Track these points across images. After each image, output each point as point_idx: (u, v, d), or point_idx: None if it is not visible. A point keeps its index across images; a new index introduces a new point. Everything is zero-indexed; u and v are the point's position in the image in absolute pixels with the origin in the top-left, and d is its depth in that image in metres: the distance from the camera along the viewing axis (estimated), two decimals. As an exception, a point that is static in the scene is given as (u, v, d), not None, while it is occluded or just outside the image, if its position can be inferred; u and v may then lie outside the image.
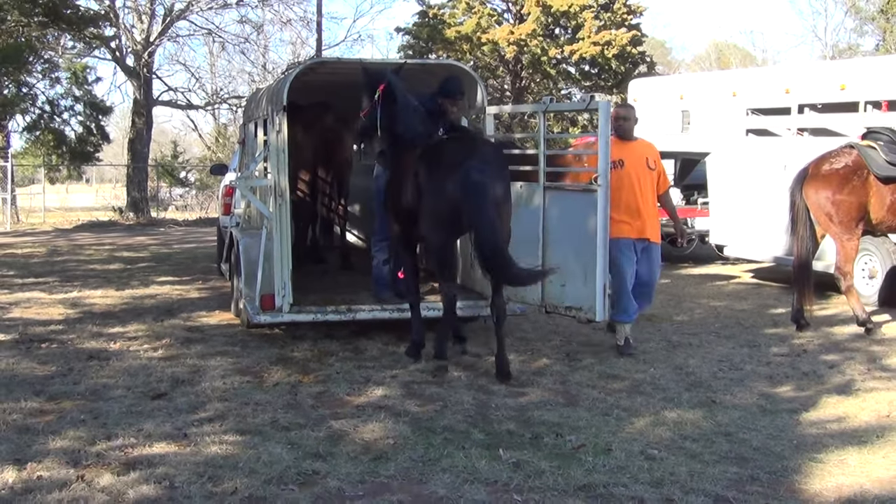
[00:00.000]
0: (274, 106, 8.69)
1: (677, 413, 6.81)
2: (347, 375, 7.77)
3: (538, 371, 8.03)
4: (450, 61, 11.17)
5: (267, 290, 8.53)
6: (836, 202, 9.86)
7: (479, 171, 7.43)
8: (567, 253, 8.21)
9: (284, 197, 8.53)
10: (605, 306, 8.09)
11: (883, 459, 5.91)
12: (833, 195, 9.87)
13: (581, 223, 8.07)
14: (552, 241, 8.42)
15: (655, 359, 8.56)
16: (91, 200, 37.67)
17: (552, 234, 8.43)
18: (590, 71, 33.90)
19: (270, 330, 9.34)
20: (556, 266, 7.94)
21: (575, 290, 8.22)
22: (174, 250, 18.92)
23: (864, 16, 42.04)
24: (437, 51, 32.87)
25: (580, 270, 8.11)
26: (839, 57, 39.04)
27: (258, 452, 5.77)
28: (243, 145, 12.47)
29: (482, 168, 7.48)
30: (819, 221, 10.07)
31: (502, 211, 7.65)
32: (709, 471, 5.62)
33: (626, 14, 33.14)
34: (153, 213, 29.93)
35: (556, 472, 5.51)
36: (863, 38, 43.02)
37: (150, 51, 29.56)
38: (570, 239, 8.17)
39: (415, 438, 6.12)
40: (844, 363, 8.55)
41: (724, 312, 11.30)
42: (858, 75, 12.44)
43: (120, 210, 29.37)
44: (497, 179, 7.60)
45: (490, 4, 33.76)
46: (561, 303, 8.43)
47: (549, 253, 8.41)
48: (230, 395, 7.18)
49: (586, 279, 8.04)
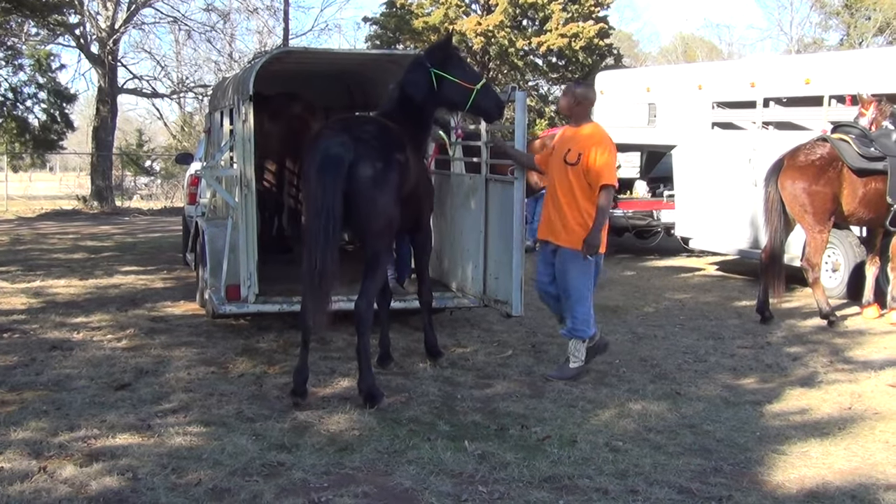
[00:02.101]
0: (240, 95, 8.63)
1: (642, 405, 6.85)
2: (313, 366, 7.67)
3: (504, 363, 8.05)
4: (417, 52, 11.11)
5: (233, 280, 8.48)
6: (812, 193, 9.98)
7: (329, 147, 6.71)
8: (500, 245, 8.25)
9: (250, 187, 8.47)
10: (521, 300, 8.09)
11: (845, 451, 5.98)
12: (809, 186, 9.99)
13: (509, 216, 8.09)
14: (491, 234, 8.48)
15: (621, 350, 8.59)
16: (55, 189, 37.25)
17: (491, 225, 8.48)
18: (557, 63, 34.00)
19: (236, 321, 9.30)
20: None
21: (504, 283, 8.28)
22: (139, 240, 18.77)
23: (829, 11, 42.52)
24: (404, 41, 32.80)
25: (507, 263, 8.15)
26: (804, 51, 39.39)
27: (222, 444, 5.75)
28: (209, 134, 12.38)
29: (335, 144, 6.71)
30: (793, 212, 10.16)
31: (361, 192, 6.68)
32: (673, 462, 5.66)
33: (594, 6, 33.21)
34: (118, 202, 29.67)
35: (522, 464, 5.53)
36: (827, 33, 43.59)
37: (115, 38, 29.25)
38: (503, 231, 8.21)
39: (380, 430, 6.11)
40: (807, 355, 8.63)
41: (689, 304, 11.38)
42: (823, 70, 12.54)
43: (84, 199, 29.08)
44: (362, 159, 6.68)
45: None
46: (494, 296, 8.49)
47: (490, 245, 8.49)
48: (195, 385, 7.14)
49: (511, 273, 8.08)
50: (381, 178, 6.72)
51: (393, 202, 6.80)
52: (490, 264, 8.55)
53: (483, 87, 7.41)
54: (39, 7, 25.49)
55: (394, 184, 6.77)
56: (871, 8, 40.05)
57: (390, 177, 6.76)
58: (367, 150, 6.75)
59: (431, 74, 7.30)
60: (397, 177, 6.80)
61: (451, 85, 7.32)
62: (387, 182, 6.74)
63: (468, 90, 7.35)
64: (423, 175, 7.65)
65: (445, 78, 7.30)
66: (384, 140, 6.93)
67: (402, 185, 6.88)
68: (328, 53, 11.90)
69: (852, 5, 40.64)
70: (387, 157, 6.80)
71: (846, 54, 20.44)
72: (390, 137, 6.99)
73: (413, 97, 7.35)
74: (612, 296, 11.65)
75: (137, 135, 42.14)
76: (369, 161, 6.70)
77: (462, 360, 8.16)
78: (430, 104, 7.47)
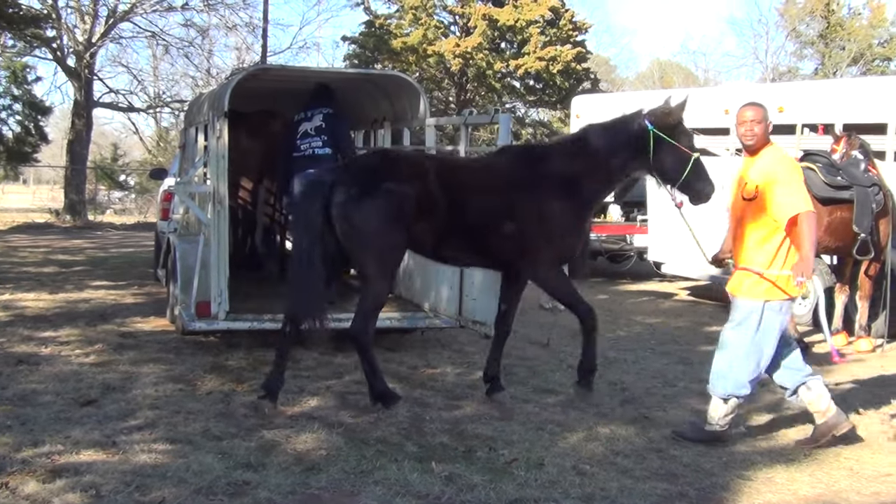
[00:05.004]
0: (215, 111, 8.62)
1: (610, 428, 6.85)
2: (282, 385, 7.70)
3: (473, 384, 8.03)
4: (395, 72, 11.17)
5: (203, 296, 8.44)
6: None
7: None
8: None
9: (223, 203, 8.46)
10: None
11: (809, 478, 6.00)
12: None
13: None
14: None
15: (591, 374, 8.59)
16: (28, 202, 37.04)
17: None
18: (534, 86, 34.26)
19: (205, 337, 9.24)
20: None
21: (482, 304, 8.27)
22: (111, 254, 18.66)
23: (805, 40, 43.02)
24: (382, 61, 32.94)
25: (490, 284, 8.14)
26: (779, 80, 39.78)
27: (188, 462, 5.70)
28: (184, 150, 12.35)
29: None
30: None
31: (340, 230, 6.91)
32: (639, 486, 5.66)
33: (572, 31, 33.53)
34: (91, 217, 29.50)
35: (488, 486, 5.51)
36: (802, 62, 44.07)
37: (92, 52, 29.17)
38: None
39: (347, 450, 6.09)
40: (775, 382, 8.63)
41: (660, 329, 11.42)
42: (797, 98, 12.66)
43: (57, 212, 28.90)
44: (341, 184, 6.92)
45: (437, 17, 33.94)
46: (472, 316, 8.48)
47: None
48: (162, 402, 7.09)
49: (494, 294, 8.08)
50: (360, 203, 6.80)
51: (381, 228, 6.84)
52: (466, 285, 8.55)
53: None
54: (17, 20, 25.39)
55: (382, 210, 6.81)
56: (845, 38, 40.64)
57: (375, 203, 6.81)
58: (348, 175, 7.02)
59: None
60: (388, 204, 6.82)
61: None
62: (366, 207, 6.80)
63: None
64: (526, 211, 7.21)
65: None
66: (381, 168, 7.06)
67: (403, 214, 6.85)
68: (306, 71, 11.89)
69: (827, 35, 41.19)
70: (373, 184, 6.87)
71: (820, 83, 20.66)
72: (393, 166, 7.07)
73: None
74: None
75: (112, 149, 41.93)
76: (347, 186, 6.86)
77: (432, 381, 8.16)
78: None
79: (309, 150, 9.59)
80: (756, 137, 6.49)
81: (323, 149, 9.57)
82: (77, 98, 29.39)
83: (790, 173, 6.41)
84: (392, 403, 7.03)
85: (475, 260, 7.54)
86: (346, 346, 8.63)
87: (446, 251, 7.31)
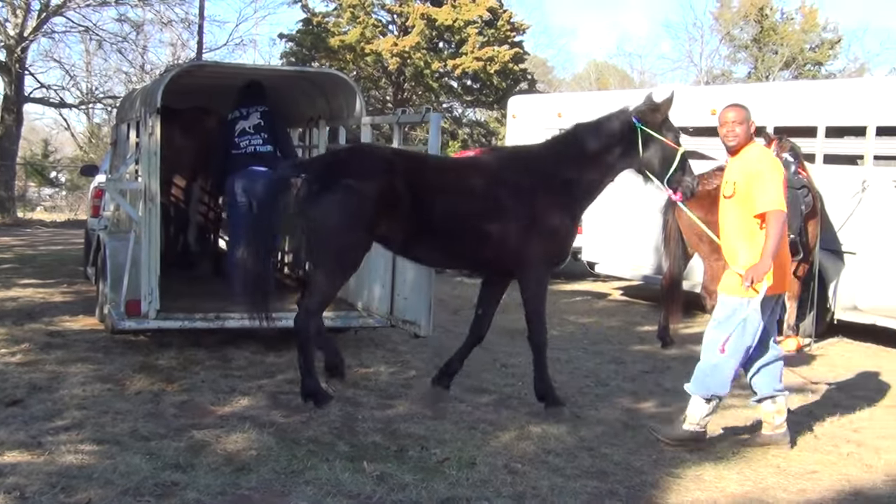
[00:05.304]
0: (148, 108, 8.51)
1: (542, 428, 6.88)
2: (213, 385, 7.64)
3: (406, 383, 8.03)
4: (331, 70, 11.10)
5: (133, 295, 8.33)
6: (707, 222, 10.15)
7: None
8: (410, 265, 8.20)
9: (155, 201, 8.35)
10: (430, 321, 8.18)
11: (737, 475, 6.10)
12: (704, 215, 10.15)
13: None
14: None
15: (524, 373, 8.59)
16: (-46, 198, 36.20)
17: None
18: (472, 86, 34.34)
19: (136, 337, 9.10)
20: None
21: (413, 303, 8.30)
22: (40, 252, 18.31)
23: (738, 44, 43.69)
24: (320, 59, 32.77)
25: (421, 284, 8.17)
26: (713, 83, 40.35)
27: (115, 462, 5.62)
28: (115, 147, 12.18)
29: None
30: (689, 241, 10.37)
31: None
32: (570, 485, 5.71)
33: (510, 31, 33.68)
34: (20, 214, 28.92)
35: (420, 486, 5.52)
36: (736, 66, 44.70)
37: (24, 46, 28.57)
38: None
39: (278, 450, 6.05)
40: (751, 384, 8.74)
41: (593, 329, 11.51)
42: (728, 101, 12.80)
43: (-16, 209, 28.32)
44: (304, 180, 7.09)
45: (375, 15, 33.85)
46: (402, 316, 8.50)
47: (399, 264, 8.47)
48: (89, 402, 6.98)
49: (425, 293, 8.10)
50: (319, 199, 6.86)
51: (338, 226, 6.86)
52: (398, 284, 8.55)
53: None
54: (-55, 12, 24.82)
55: (340, 207, 6.83)
56: (778, 43, 41.36)
57: (334, 199, 6.84)
58: (312, 171, 7.13)
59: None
60: (348, 201, 6.83)
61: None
62: (325, 203, 6.85)
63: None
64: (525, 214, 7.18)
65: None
66: (345, 164, 7.10)
67: (363, 212, 6.85)
68: (241, 68, 11.77)
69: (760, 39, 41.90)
70: (334, 180, 6.89)
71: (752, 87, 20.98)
72: (359, 163, 7.09)
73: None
74: (516, 318, 11.70)
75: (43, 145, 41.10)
76: (310, 182, 6.95)
77: (365, 380, 8.13)
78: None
79: (250, 147, 9.54)
80: (738, 138, 6.56)
81: (264, 146, 9.55)
82: (7, 93, 28.78)
83: (768, 170, 6.43)
84: (324, 402, 7.03)
85: (457, 262, 7.58)
86: (278, 346, 8.61)
87: (422, 252, 7.31)
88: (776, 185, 6.37)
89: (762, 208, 6.30)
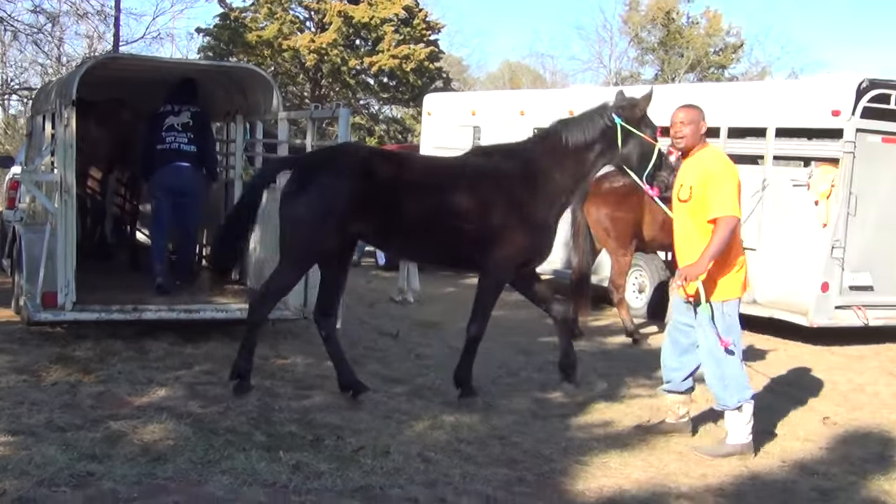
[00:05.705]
0: (63, 100, 8.49)
1: (455, 417, 7.02)
2: (130, 376, 7.65)
3: (322, 374, 8.12)
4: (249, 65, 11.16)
5: (49, 287, 8.32)
6: (614, 219, 10.51)
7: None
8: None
9: (70, 193, 8.35)
10: (340, 314, 8.24)
11: (641, 462, 6.33)
12: (611, 212, 10.52)
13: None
14: None
15: (437, 364, 8.78)
16: None
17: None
18: (388, 83, 34.44)
19: (52, 328, 9.06)
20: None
21: None
22: (-49, 242, 17.93)
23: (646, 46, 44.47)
24: (237, 54, 32.49)
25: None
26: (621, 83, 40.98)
27: (31, 454, 5.62)
28: (31, 138, 12.06)
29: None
30: (597, 236, 10.69)
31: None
32: (481, 472, 5.86)
33: (425, 30, 33.90)
34: (-70, 204, 28.21)
35: (335, 474, 5.62)
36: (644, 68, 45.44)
37: (-65, 35, 27.89)
38: None
39: (195, 440, 6.10)
40: (612, 371, 9.04)
41: (503, 320, 11.63)
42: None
43: None
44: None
45: (292, 11, 33.68)
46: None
47: None
48: (4, 394, 6.95)
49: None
50: (293, 195, 7.17)
51: (305, 222, 7.11)
52: (311, 277, 8.65)
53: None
54: None
55: (309, 204, 7.08)
56: (684, 46, 42.23)
57: (305, 196, 7.11)
58: (296, 167, 7.49)
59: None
60: (318, 198, 7.07)
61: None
62: (298, 199, 7.13)
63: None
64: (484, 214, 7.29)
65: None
66: (320, 163, 7.44)
67: (334, 210, 7.05)
68: (157, 62, 11.76)
69: (667, 42, 42.73)
70: (310, 178, 7.18)
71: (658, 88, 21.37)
72: (329, 162, 7.35)
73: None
74: (432, 311, 11.91)
75: (-44, 135, 40.13)
76: (292, 178, 7.34)
77: (282, 371, 8.22)
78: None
79: (175, 143, 9.64)
80: (685, 139, 6.55)
81: (188, 146, 9.68)
82: (-83, 82, 28.05)
83: (722, 174, 6.41)
84: (242, 393, 7.16)
85: (435, 258, 7.77)
86: (195, 337, 8.67)
87: (398, 248, 7.66)
88: (731, 190, 6.35)
89: (715, 213, 6.32)
